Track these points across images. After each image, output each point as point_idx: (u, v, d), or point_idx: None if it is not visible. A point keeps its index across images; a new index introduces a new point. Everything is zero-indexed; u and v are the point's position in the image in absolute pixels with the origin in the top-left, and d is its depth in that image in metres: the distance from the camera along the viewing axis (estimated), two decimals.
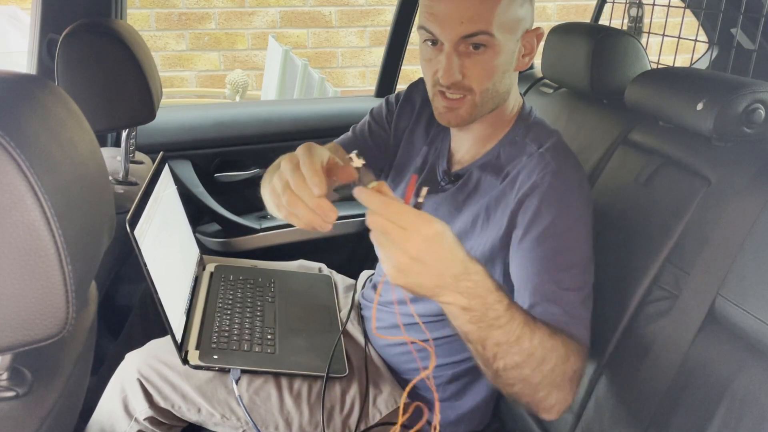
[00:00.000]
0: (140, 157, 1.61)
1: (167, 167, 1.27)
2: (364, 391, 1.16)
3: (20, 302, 0.57)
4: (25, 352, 0.60)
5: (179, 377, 1.09)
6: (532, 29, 1.03)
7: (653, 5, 1.79)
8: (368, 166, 0.82)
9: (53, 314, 0.59)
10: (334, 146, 1.25)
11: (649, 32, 1.88)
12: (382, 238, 0.73)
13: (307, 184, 0.77)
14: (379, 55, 2.80)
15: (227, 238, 1.79)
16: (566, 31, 1.46)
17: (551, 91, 1.59)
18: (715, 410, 0.89)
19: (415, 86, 1.25)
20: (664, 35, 1.69)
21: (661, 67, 1.42)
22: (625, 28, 1.89)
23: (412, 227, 0.71)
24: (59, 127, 0.65)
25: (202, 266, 1.38)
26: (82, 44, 1.23)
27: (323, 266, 1.50)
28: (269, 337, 1.19)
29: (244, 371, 1.11)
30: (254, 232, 1.79)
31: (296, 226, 0.80)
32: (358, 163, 0.81)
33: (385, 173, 1.25)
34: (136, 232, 0.97)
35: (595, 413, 1.07)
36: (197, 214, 1.80)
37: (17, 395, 0.66)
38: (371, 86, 2.98)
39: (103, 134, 1.63)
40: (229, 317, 1.21)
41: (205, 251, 1.57)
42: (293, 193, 0.78)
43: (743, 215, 0.95)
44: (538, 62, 1.53)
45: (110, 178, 1.42)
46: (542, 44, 1.18)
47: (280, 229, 1.81)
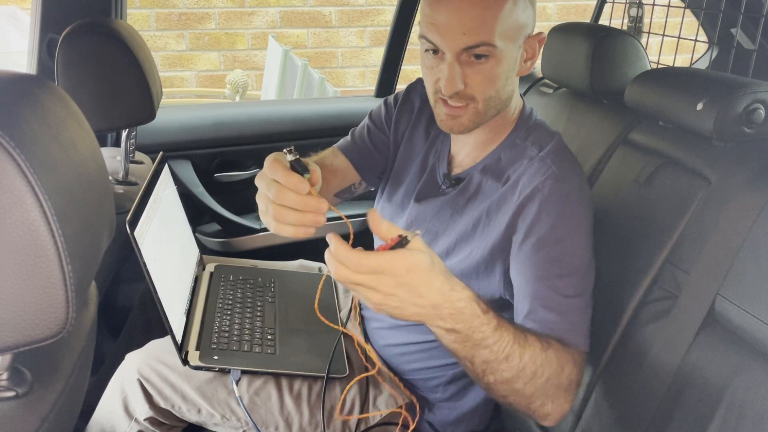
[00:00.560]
0: (140, 157, 1.61)
1: (167, 167, 1.27)
2: (364, 391, 1.16)
3: (20, 302, 0.57)
4: (25, 352, 0.60)
5: (179, 378, 1.09)
6: (534, 34, 1.03)
7: (653, 5, 1.79)
8: (300, 160, 0.83)
9: (53, 314, 0.59)
10: (333, 151, 1.25)
11: (649, 32, 1.88)
12: (355, 289, 0.75)
13: (284, 190, 0.80)
14: (379, 55, 2.80)
15: (227, 238, 1.79)
16: (566, 31, 1.46)
17: (551, 91, 1.59)
18: (714, 410, 0.89)
19: (413, 87, 1.24)
20: (664, 35, 1.69)
21: (661, 67, 1.42)
22: (625, 28, 1.89)
23: (382, 270, 0.73)
24: (59, 127, 0.65)
25: (202, 266, 1.38)
26: (82, 44, 1.23)
27: (323, 266, 1.50)
28: (269, 337, 1.19)
29: (244, 372, 1.11)
30: (254, 232, 1.79)
31: (294, 235, 0.83)
32: (290, 157, 0.82)
33: (385, 176, 1.25)
34: (135, 232, 0.97)
35: (594, 413, 1.07)
36: (197, 214, 1.80)
37: (17, 395, 0.66)
38: (371, 86, 2.98)
39: (103, 134, 1.63)
40: (229, 317, 1.21)
41: (205, 251, 1.57)
42: (277, 204, 0.81)
43: (743, 215, 0.95)
44: (538, 62, 1.53)
45: (110, 178, 1.42)
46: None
47: None
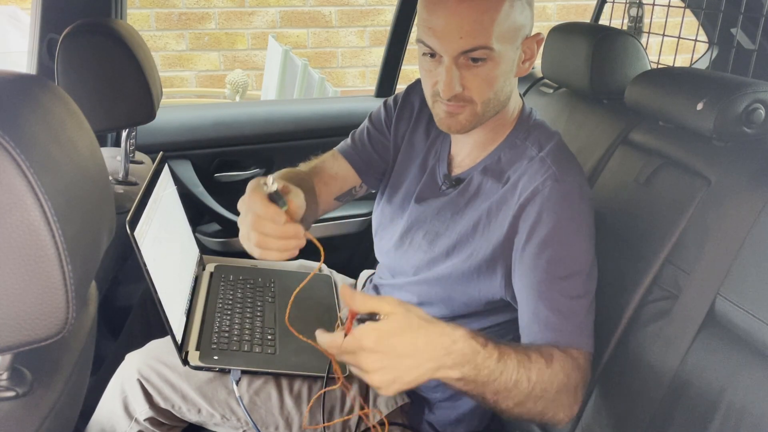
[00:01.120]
0: (140, 157, 1.61)
1: (167, 167, 1.27)
2: (364, 391, 1.16)
3: (20, 302, 0.57)
4: (25, 352, 0.60)
5: (179, 378, 1.09)
6: (532, 35, 1.03)
7: (653, 5, 1.79)
8: (283, 190, 0.87)
9: (53, 314, 0.59)
10: (333, 154, 1.25)
11: (649, 32, 1.88)
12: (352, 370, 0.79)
13: (262, 220, 0.84)
14: (379, 55, 2.80)
15: (227, 238, 1.79)
16: (566, 31, 1.46)
17: (551, 91, 1.59)
18: (715, 410, 0.89)
19: (412, 88, 1.24)
20: (664, 35, 1.69)
21: (661, 67, 1.42)
22: (625, 28, 1.89)
23: (353, 348, 0.76)
24: (59, 127, 0.65)
25: (202, 266, 1.38)
26: (82, 44, 1.23)
27: (323, 266, 1.50)
28: (269, 337, 1.19)
29: (244, 372, 1.10)
30: None
31: (279, 259, 0.88)
32: (271, 188, 0.85)
33: (386, 178, 1.25)
34: (135, 232, 0.97)
35: (594, 413, 1.07)
36: (197, 214, 1.80)
37: (17, 395, 0.66)
38: (371, 86, 2.98)
39: (103, 134, 1.63)
40: (229, 317, 1.21)
41: (205, 251, 1.57)
42: (258, 233, 0.85)
43: (743, 215, 0.95)
44: (538, 62, 1.53)
45: (110, 178, 1.42)
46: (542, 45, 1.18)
47: None
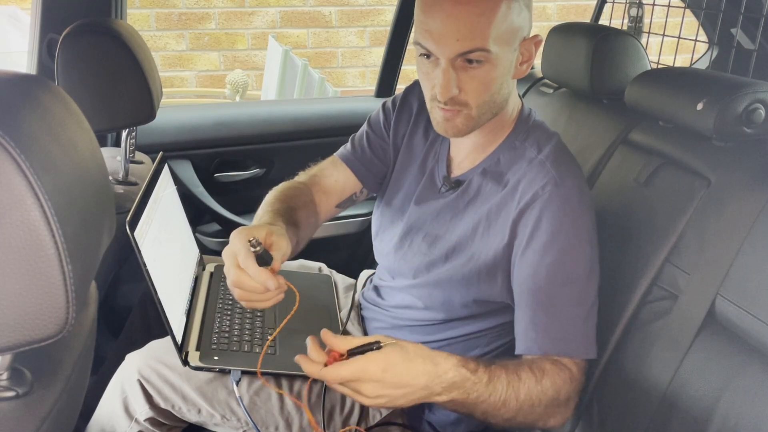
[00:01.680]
0: (140, 157, 1.61)
1: (167, 167, 1.27)
2: None
3: (20, 302, 0.57)
4: (25, 352, 0.60)
5: (179, 378, 1.09)
6: (530, 37, 1.03)
7: (653, 5, 1.79)
8: (265, 250, 0.89)
9: (53, 314, 0.59)
10: (333, 161, 1.25)
11: (649, 32, 1.88)
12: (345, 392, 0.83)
13: (245, 278, 0.88)
14: (379, 55, 2.80)
15: (227, 238, 1.78)
16: (566, 31, 1.46)
17: (551, 91, 1.59)
18: (715, 410, 0.89)
19: (411, 90, 1.24)
20: (664, 35, 1.69)
21: (661, 67, 1.42)
22: (625, 28, 1.89)
23: (357, 377, 0.80)
24: (59, 127, 0.65)
25: (202, 266, 1.38)
26: (82, 44, 1.23)
27: (323, 266, 1.50)
28: (269, 337, 1.19)
29: (244, 372, 1.10)
30: None
31: (264, 307, 0.93)
32: (258, 251, 0.87)
33: (386, 180, 1.25)
34: (135, 233, 0.97)
35: (594, 413, 1.07)
36: (197, 214, 1.80)
37: (17, 395, 0.66)
38: (371, 86, 2.98)
39: (103, 134, 1.63)
40: (229, 318, 1.21)
41: (205, 251, 1.57)
42: (240, 291, 0.90)
43: (743, 215, 0.95)
44: (538, 62, 1.53)
45: (110, 178, 1.42)
46: (542, 45, 1.17)
47: None
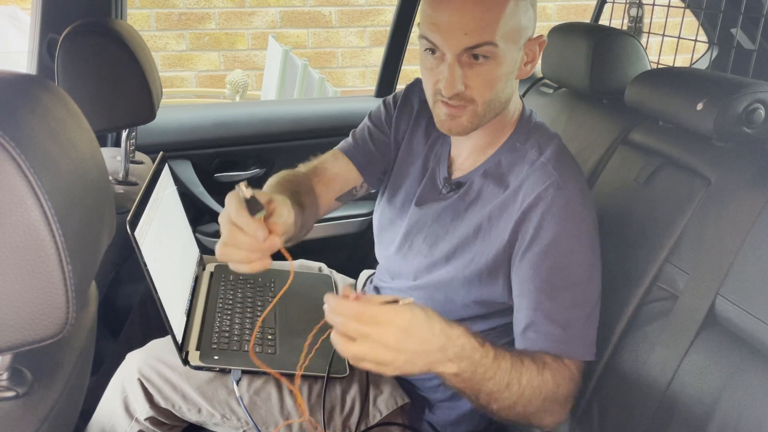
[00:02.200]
0: (140, 157, 1.61)
1: (167, 167, 1.27)
2: (364, 391, 1.16)
3: (20, 302, 0.57)
4: (25, 352, 0.60)
5: (180, 377, 1.09)
6: (534, 37, 1.03)
7: (653, 5, 1.79)
8: (255, 197, 0.84)
9: (53, 314, 0.59)
10: (333, 154, 1.25)
11: (649, 32, 1.88)
12: (357, 344, 0.76)
13: (235, 237, 0.81)
14: (379, 55, 2.80)
15: None
16: (566, 31, 1.46)
17: (551, 91, 1.59)
18: (714, 410, 0.89)
19: (412, 88, 1.23)
20: (664, 35, 1.69)
21: (661, 67, 1.42)
22: (625, 28, 1.89)
23: (386, 321, 0.76)
24: (59, 127, 0.65)
25: (202, 266, 1.38)
26: (82, 44, 1.23)
27: (323, 266, 1.50)
28: (269, 337, 1.19)
29: (244, 372, 1.11)
30: None
31: (248, 271, 0.83)
32: (246, 194, 0.83)
33: (386, 178, 1.24)
34: (136, 233, 0.97)
35: (594, 413, 1.07)
36: (197, 214, 1.80)
37: (17, 395, 0.66)
38: (371, 86, 2.98)
39: (103, 134, 1.63)
40: (229, 317, 1.21)
41: (205, 251, 1.57)
42: (227, 244, 0.82)
43: (743, 215, 0.95)
44: (538, 62, 1.53)
45: (110, 178, 1.42)
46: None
47: None
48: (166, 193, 1.22)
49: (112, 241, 0.78)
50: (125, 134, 1.42)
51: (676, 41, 1.65)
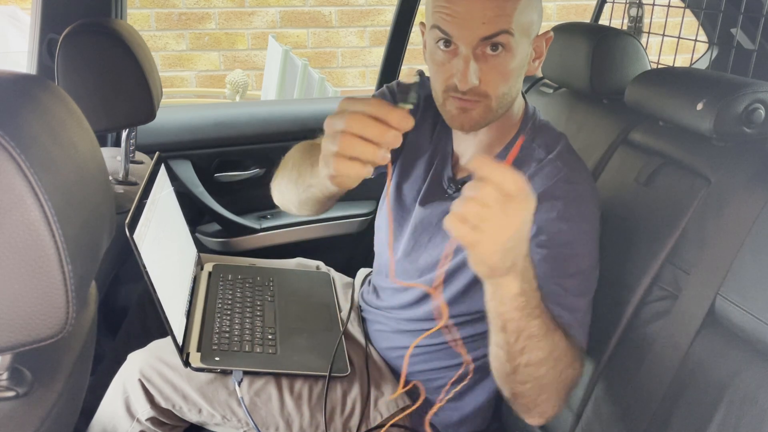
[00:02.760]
0: (140, 157, 1.61)
1: (163, 168, 1.27)
2: (365, 392, 1.16)
3: (20, 302, 0.57)
4: (25, 352, 0.60)
5: (180, 378, 1.09)
6: (541, 33, 1.02)
7: (653, 5, 1.79)
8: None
9: (53, 314, 0.59)
10: None
11: (649, 32, 1.88)
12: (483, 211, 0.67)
13: (361, 120, 0.68)
14: (379, 55, 2.80)
15: (227, 237, 1.79)
16: (566, 31, 1.45)
17: (551, 91, 1.59)
18: (714, 410, 0.89)
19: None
20: (664, 35, 1.68)
21: (661, 67, 1.42)
22: (625, 28, 1.89)
23: (523, 200, 0.68)
24: (59, 127, 0.65)
25: (200, 266, 1.38)
26: (82, 44, 1.23)
27: (321, 264, 1.50)
28: (270, 337, 1.19)
29: (245, 372, 1.10)
30: (254, 232, 1.79)
31: (351, 173, 0.70)
32: (411, 78, 0.71)
33: (394, 165, 1.21)
34: (135, 235, 0.97)
35: (594, 413, 1.07)
36: (197, 214, 1.80)
37: (17, 395, 0.66)
38: (371, 86, 2.98)
39: (103, 134, 1.63)
40: (229, 318, 1.21)
41: (205, 251, 1.57)
42: (346, 134, 0.68)
43: (743, 215, 0.96)
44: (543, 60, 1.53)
45: (110, 178, 1.42)
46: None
47: (279, 229, 1.81)
48: (163, 194, 1.22)
49: (112, 241, 0.78)
50: (125, 134, 1.42)
51: (676, 41, 1.65)
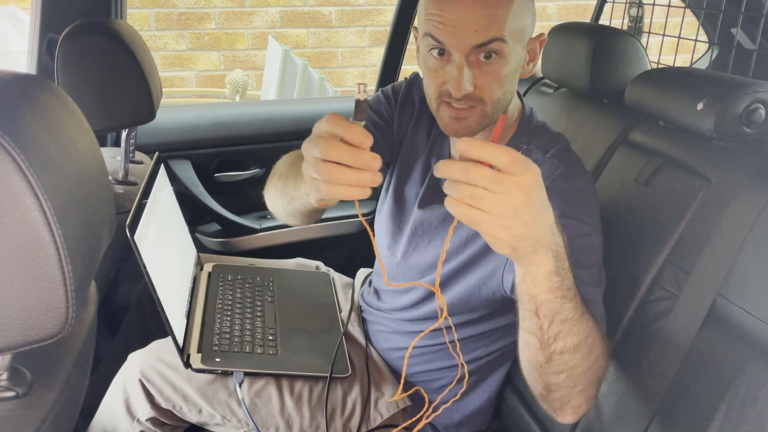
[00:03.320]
0: (140, 157, 1.61)
1: (162, 168, 1.27)
2: (365, 393, 1.16)
3: (20, 302, 0.57)
4: (25, 352, 0.60)
5: (181, 378, 1.09)
6: (535, 36, 1.02)
7: (653, 5, 1.79)
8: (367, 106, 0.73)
9: (53, 314, 0.59)
10: None
11: (649, 32, 1.88)
12: (479, 196, 0.66)
13: (335, 147, 0.69)
14: (379, 55, 2.80)
15: (227, 238, 1.79)
16: (566, 31, 1.46)
17: (551, 91, 1.59)
18: (715, 410, 0.89)
19: (412, 83, 1.21)
20: (664, 35, 1.69)
21: (661, 67, 1.42)
22: (625, 28, 1.89)
23: (518, 173, 0.67)
24: (59, 127, 0.65)
25: (200, 266, 1.38)
26: (82, 44, 1.23)
27: (320, 264, 1.50)
28: (270, 338, 1.19)
29: (246, 373, 1.10)
30: (254, 232, 1.79)
31: (347, 196, 0.70)
32: (363, 96, 0.72)
33: (389, 174, 1.23)
34: (135, 236, 0.96)
35: (595, 413, 1.07)
36: (197, 214, 1.80)
37: (17, 395, 0.66)
38: (371, 86, 2.97)
39: (103, 134, 1.63)
40: (229, 318, 1.21)
41: (205, 251, 1.57)
42: (326, 162, 0.70)
43: (743, 215, 0.95)
44: (538, 62, 1.53)
45: (110, 178, 1.42)
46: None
47: (279, 229, 1.81)
48: (162, 194, 1.22)
49: (111, 241, 0.78)
50: (125, 134, 1.42)
51: (676, 41, 1.65)
